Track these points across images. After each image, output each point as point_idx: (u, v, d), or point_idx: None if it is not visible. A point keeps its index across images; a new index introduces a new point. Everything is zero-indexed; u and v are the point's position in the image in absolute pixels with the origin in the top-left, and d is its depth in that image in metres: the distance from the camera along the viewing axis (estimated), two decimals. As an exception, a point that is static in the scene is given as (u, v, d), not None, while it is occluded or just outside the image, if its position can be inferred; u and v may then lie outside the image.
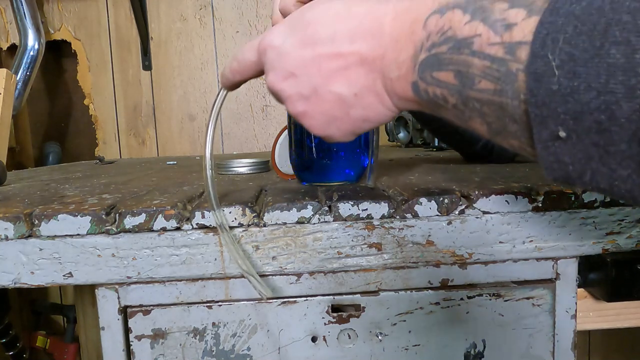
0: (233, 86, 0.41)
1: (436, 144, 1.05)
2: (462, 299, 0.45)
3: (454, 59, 0.26)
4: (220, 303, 0.44)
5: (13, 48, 1.37)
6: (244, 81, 0.40)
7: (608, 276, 0.64)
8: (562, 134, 0.22)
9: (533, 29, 0.23)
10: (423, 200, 0.42)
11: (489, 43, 0.24)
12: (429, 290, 0.45)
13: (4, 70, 0.90)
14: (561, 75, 0.21)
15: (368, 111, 0.33)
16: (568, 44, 0.21)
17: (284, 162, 0.57)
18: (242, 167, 0.68)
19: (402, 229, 0.42)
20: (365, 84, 0.32)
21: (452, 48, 0.26)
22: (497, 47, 0.24)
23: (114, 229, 0.41)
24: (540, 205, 0.42)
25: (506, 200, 0.42)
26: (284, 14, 0.46)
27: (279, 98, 0.36)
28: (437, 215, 0.42)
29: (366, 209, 0.42)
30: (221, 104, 0.43)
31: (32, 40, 1.21)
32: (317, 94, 0.33)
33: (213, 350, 0.44)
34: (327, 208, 0.41)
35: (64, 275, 0.42)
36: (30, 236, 0.41)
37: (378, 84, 0.31)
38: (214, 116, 0.43)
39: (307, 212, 0.41)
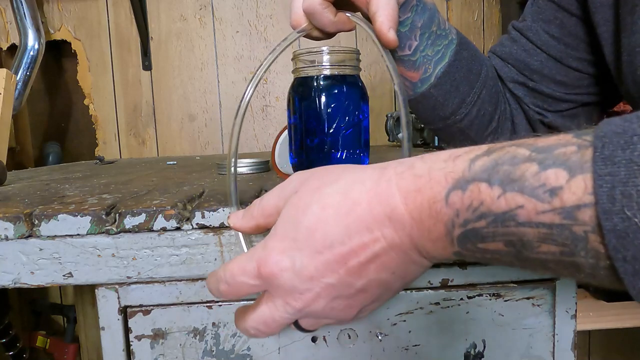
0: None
1: (436, 144, 1.05)
2: (462, 299, 0.45)
3: (498, 231, 0.25)
4: (220, 303, 0.44)
5: (13, 48, 1.37)
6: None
7: (608, 276, 0.64)
8: None
9: (589, 189, 0.22)
10: (423, 200, 0.42)
11: (537, 212, 0.23)
12: (429, 290, 0.45)
13: (4, 70, 0.90)
14: None
15: (409, 277, 0.31)
16: None
17: (284, 162, 0.57)
18: (242, 167, 0.68)
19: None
20: (401, 261, 0.30)
21: (492, 222, 0.25)
22: (551, 215, 0.23)
23: (114, 229, 0.41)
24: (540, 205, 0.42)
25: (506, 200, 0.42)
26: (309, 14, 0.45)
27: (314, 313, 0.32)
28: (437, 215, 0.42)
29: (366, 209, 0.41)
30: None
31: (32, 40, 1.21)
32: (357, 289, 0.30)
33: (213, 350, 0.44)
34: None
35: (64, 275, 0.42)
36: (30, 236, 0.41)
37: (414, 256, 0.29)
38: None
39: (307, 212, 0.41)
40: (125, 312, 0.44)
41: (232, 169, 0.41)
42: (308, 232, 0.30)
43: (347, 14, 0.46)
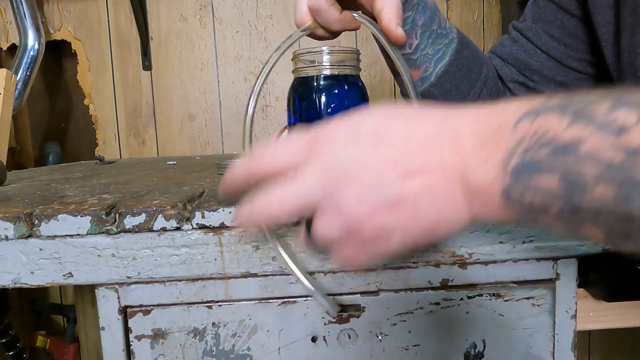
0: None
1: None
2: (462, 299, 0.45)
3: (557, 163, 0.24)
4: (220, 303, 0.44)
5: (13, 48, 1.37)
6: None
7: (608, 276, 0.65)
8: None
9: None
10: (423, 200, 0.42)
11: (600, 148, 0.23)
12: (429, 290, 0.45)
13: (4, 70, 0.90)
14: None
15: (442, 224, 0.29)
16: None
17: (284, 162, 0.57)
18: (242, 167, 0.68)
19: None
20: (442, 191, 0.28)
21: (553, 152, 0.24)
22: (612, 153, 0.22)
23: (114, 229, 0.41)
24: (540, 205, 0.42)
25: (506, 200, 0.42)
26: (315, 12, 0.45)
27: (338, 210, 0.29)
28: (437, 215, 0.42)
29: (366, 209, 0.41)
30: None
31: (32, 40, 1.21)
32: (392, 197, 0.28)
33: (213, 350, 0.44)
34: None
35: (64, 275, 0.42)
36: (30, 236, 0.41)
37: (457, 191, 0.28)
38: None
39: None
40: (125, 312, 0.44)
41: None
42: (370, 128, 0.29)
43: (353, 13, 0.46)
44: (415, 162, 0.28)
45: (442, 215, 0.29)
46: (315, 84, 0.48)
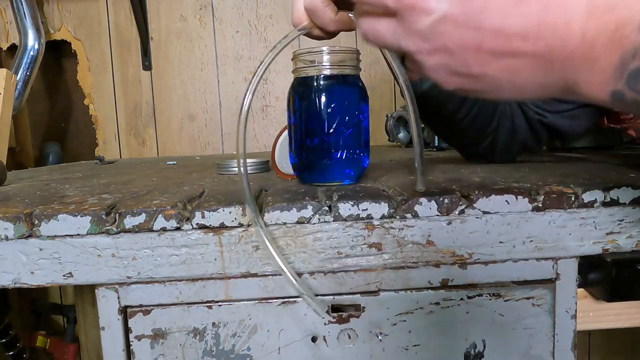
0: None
1: (436, 144, 1.05)
2: (462, 299, 0.45)
3: None
4: (220, 303, 0.44)
5: (13, 48, 1.37)
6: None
7: (608, 276, 0.65)
8: None
9: None
10: (423, 200, 0.42)
11: None
12: (429, 290, 0.45)
13: (4, 70, 0.90)
14: None
15: (520, 93, 0.29)
16: None
17: (284, 162, 0.57)
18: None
19: (402, 229, 0.42)
20: (529, 76, 0.28)
21: None
22: None
23: (114, 229, 0.41)
24: (540, 205, 0.42)
25: (506, 200, 0.42)
26: (311, 12, 0.45)
27: (419, 61, 0.31)
28: (437, 215, 0.42)
29: (366, 209, 0.42)
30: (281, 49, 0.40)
31: (32, 40, 1.21)
32: (472, 76, 0.29)
33: (213, 350, 0.44)
34: (327, 208, 0.41)
35: (64, 275, 0.42)
36: (30, 236, 0.41)
37: (551, 81, 0.27)
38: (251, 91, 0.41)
39: (307, 212, 0.41)
40: (125, 312, 0.44)
41: (242, 166, 0.41)
42: (468, 3, 0.28)
43: (349, 14, 0.46)
44: (507, 44, 0.27)
45: (523, 92, 0.29)
46: (315, 84, 0.48)
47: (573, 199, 0.42)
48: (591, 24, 0.24)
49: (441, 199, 0.42)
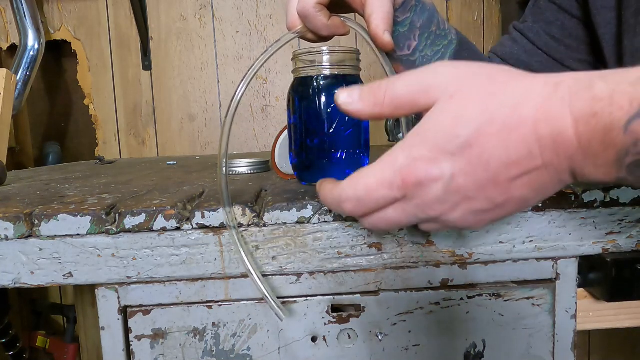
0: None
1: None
2: (462, 299, 0.45)
3: None
4: (220, 303, 0.44)
5: (13, 48, 1.37)
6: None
7: (608, 276, 0.65)
8: None
9: None
10: (423, 200, 0.42)
11: None
12: (429, 290, 0.45)
13: (4, 70, 0.90)
14: None
15: (546, 195, 0.30)
16: None
17: (284, 162, 0.57)
18: (242, 167, 0.68)
19: (402, 228, 0.42)
20: (548, 181, 0.29)
21: None
22: None
23: (114, 229, 0.41)
24: (540, 205, 0.42)
25: (506, 200, 0.42)
26: (303, 17, 0.44)
27: (443, 221, 0.32)
28: (437, 215, 0.42)
29: (366, 209, 0.41)
30: None
31: (32, 40, 1.21)
32: (496, 204, 0.30)
33: (213, 350, 0.44)
34: (327, 208, 0.41)
35: (64, 275, 0.42)
36: (30, 236, 0.41)
37: (565, 177, 0.28)
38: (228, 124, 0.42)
39: (307, 212, 0.41)
40: (125, 312, 0.44)
41: (224, 169, 0.41)
42: (465, 146, 0.28)
43: (342, 18, 0.46)
44: (519, 169, 0.28)
45: (547, 193, 0.30)
46: (315, 84, 0.48)
47: (573, 199, 0.42)
48: (582, 129, 0.26)
49: (441, 199, 0.42)
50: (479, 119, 0.28)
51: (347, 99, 0.33)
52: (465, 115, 0.28)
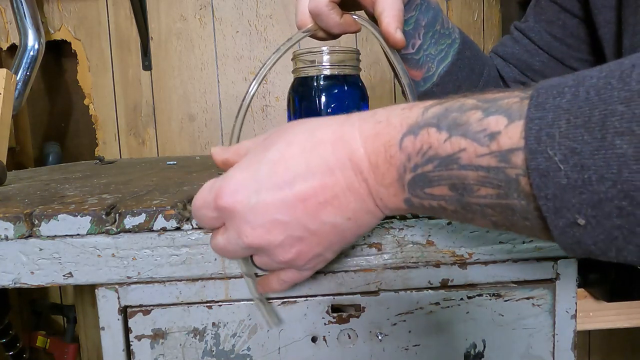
0: None
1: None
2: (462, 299, 0.45)
3: (443, 175, 0.26)
4: (220, 303, 0.44)
5: (13, 48, 1.37)
6: None
7: (608, 276, 0.64)
8: (581, 221, 0.22)
9: (521, 133, 0.23)
10: (423, 200, 0.42)
11: (477, 155, 0.25)
12: (429, 290, 0.45)
13: (4, 70, 0.90)
14: (567, 169, 0.22)
15: (363, 228, 0.32)
16: (566, 138, 0.22)
17: (284, 162, 0.57)
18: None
19: (402, 229, 0.42)
20: (356, 207, 0.30)
21: (438, 166, 0.26)
22: (488, 158, 0.24)
23: (114, 229, 0.41)
24: (540, 205, 0.42)
25: (506, 200, 0.42)
26: (315, 15, 0.44)
27: (265, 251, 0.32)
28: (437, 215, 0.42)
29: (366, 209, 0.41)
30: None
31: (32, 40, 1.21)
32: (310, 231, 0.31)
33: (213, 350, 0.44)
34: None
35: (64, 275, 0.42)
36: (30, 236, 0.41)
37: (369, 203, 0.30)
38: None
39: (307, 212, 0.41)
40: (125, 312, 0.44)
41: None
42: (271, 166, 0.30)
43: (354, 16, 0.46)
44: (325, 194, 0.30)
45: (361, 224, 0.32)
46: (315, 84, 0.48)
47: (573, 199, 0.42)
48: (369, 148, 0.29)
49: (441, 199, 0.42)
50: (281, 143, 0.31)
51: (216, 148, 0.38)
52: (270, 143, 0.32)
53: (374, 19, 0.46)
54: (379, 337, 0.45)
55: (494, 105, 0.25)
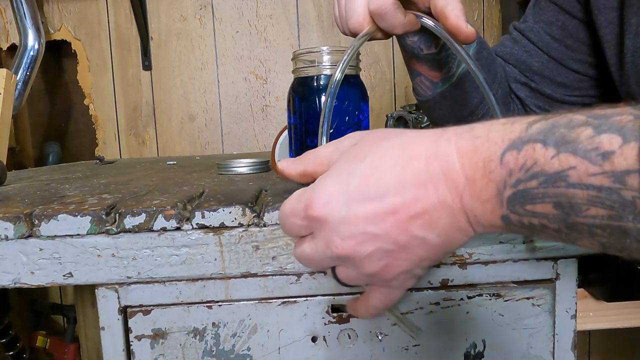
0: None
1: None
2: (462, 299, 0.45)
3: (549, 192, 0.25)
4: (220, 303, 0.44)
5: (13, 48, 1.37)
6: None
7: (608, 276, 0.65)
8: None
9: (638, 156, 0.22)
10: (423, 200, 0.42)
11: (588, 174, 0.24)
12: (429, 290, 0.45)
13: (4, 70, 0.90)
14: None
15: (452, 245, 0.31)
16: None
17: (284, 162, 0.57)
18: (242, 167, 0.68)
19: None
20: (447, 224, 0.30)
21: (544, 182, 0.25)
22: (601, 178, 0.23)
23: (114, 229, 0.41)
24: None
25: (506, 200, 0.42)
26: (378, 15, 0.42)
27: (352, 262, 0.32)
28: (437, 215, 0.42)
29: (366, 209, 0.41)
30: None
31: (32, 40, 1.21)
32: (399, 245, 0.30)
33: (213, 350, 0.44)
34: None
35: (64, 275, 0.42)
36: (30, 236, 0.41)
37: (461, 220, 0.29)
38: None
39: (307, 212, 0.41)
40: (125, 312, 0.44)
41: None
42: (362, 178, 0.30)
43: (416, 14, 0.44)
44: (416, 207, 0.29)
45: (451, 241, 0.31)
46: (315, 84, 0.48)
47: (573, 199, 0.42)
48: (466, 164, 0.28)
49: (441, 199, 0.42)
50: (374, 155, 0.30)
51: (283, 162, 0.37)
52: (362, 154, 0.31)
53: (428, 15, 0.45)
54: (379, 337, 0.45)
55: (605, 122, 0.24)
